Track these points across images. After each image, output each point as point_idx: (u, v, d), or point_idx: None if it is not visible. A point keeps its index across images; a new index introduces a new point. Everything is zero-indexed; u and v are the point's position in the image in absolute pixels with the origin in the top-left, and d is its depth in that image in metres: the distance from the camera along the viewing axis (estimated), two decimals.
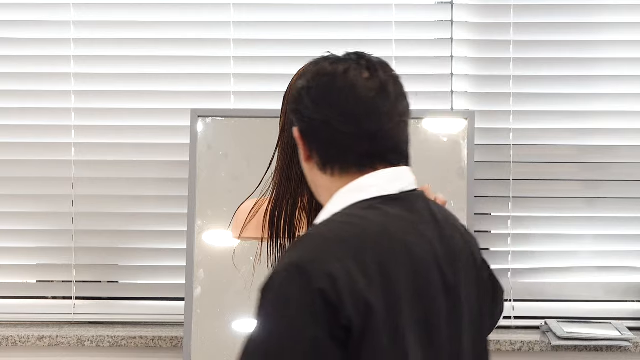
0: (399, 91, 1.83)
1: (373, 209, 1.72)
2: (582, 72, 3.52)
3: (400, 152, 1.82)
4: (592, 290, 3.53)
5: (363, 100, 1.77)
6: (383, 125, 1.78)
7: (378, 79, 1.79)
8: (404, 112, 1.83)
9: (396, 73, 1.84)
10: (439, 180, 3.30)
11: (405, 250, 1.68)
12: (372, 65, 1.81)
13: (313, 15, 3.54)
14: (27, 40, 3.56)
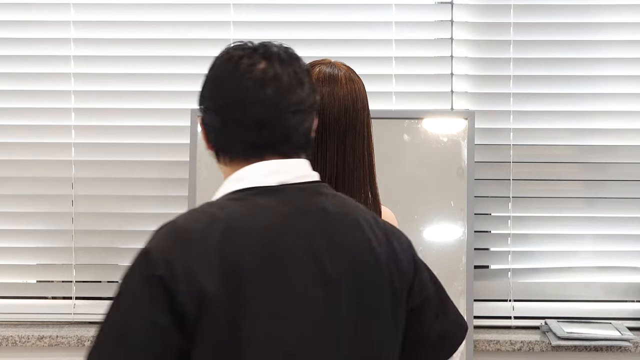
0: (296, 82, 1.80)
1: (240, 200, 1.71)
2: (582, 72, 3.52)
3: (293, 144, 1.77)
4: (592, 290, 3.53)
5: (251, 89, 1.77)
6: (271, 115, 1.75)
7: (273, 69, 1.81)
8: (300, 103, 1.77)
9: (302, 65, 1.85)
10: (439, 180, 3.31)
11: (262, 240, 1.66)
12: (269, 55, 1.85)
13: (313, 15, 3.54)
14: (27, 40, 3.56)
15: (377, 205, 2.20)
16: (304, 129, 1.78)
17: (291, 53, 1.88)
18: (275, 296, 1.64)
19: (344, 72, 2.19)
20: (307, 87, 1.81)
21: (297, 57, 1.87)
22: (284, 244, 1.67)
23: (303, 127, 1.78)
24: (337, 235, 1.72)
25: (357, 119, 2.17)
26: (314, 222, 1.72)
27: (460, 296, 3.24)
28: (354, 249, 1.73)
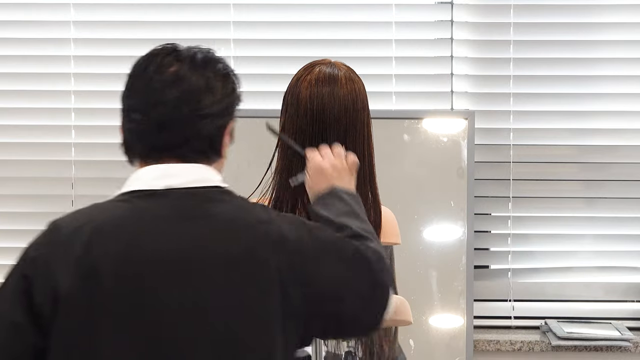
0: (205, 86, 1.78)
1: (124, 202, 1.75)
2: (582, 72, 3.52)
3: (194, 148, 1.76)
4: (592, 290, 3.53)
5: (157, 90, 1.75)
6: (172, 117, 1.74)
7: (182, 71, 1.79)
8: (207, 107, 1.76)
9: (218, 70, 1.82)
10: (439, 180, 3.31)
11: (129, 243, 1.67)
12: (183, 58, 1.83)
13: (313, 15, 3.54)
14: (27, 40, 3.55)
15: (377, 205, 2.20)
16: (209, 134, 1.77)
17: (209, 57, 1.86)
18: (132, 299, 1.65)
19: (344, 72, 2.19)
20: (220, 92, 1.79)
21: (216, 61, 1.85)
22: (151, 247, 1.68)
23: (208, 132, 1.76)
24: (216, 242, 1.70)
25: (357, 118, 2.17)
26: (194, 228, 1.70)
27: (460, 296, 3.24)
28: (231, 257, 1.70)
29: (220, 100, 1.78)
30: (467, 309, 3.24)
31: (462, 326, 3.24)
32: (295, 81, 2.20)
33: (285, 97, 2.22)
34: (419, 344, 3.21)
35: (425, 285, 3.26)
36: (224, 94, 1.80)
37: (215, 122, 1.77)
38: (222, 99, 1.79)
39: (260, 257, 1.71)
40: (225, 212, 1.75)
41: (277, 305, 1.70)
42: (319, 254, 1.77)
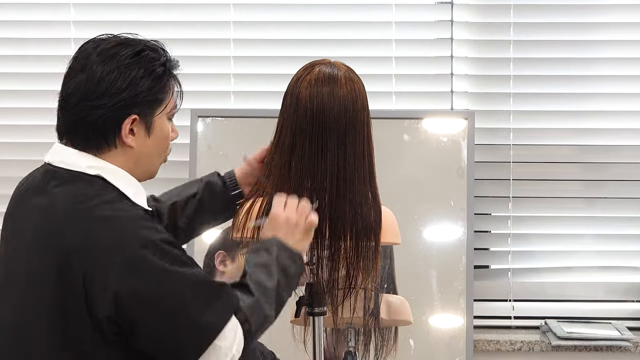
0: (74, 75, 2.00)
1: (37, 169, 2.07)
2: (582, 72, 3.52)
3: (62, 131, 2.01)
4: (592, 290, 3.53)
5: (65, 77, 2.04)
6: (66, 105, 1.99)
7: (88, 61, 2.02)
8: (96, 98, 1.95)
9: (127, 64, 1.97)
10: (439, 180, 3.31)
11: (14, 200, 2.06)
12: (96, 48, 2.05)
13: (313, 15, 3.55)
14: (27, 40, 3.56)
15: (377, 205, 2.20)
16: (97, 123, 1.94)
17: (119, 50, 2.00)
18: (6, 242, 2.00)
19: (344, 72, 2.19)
20: (116, 86, 1.94)
21: (127, 55, 1.99)
22: (22, 204, 2.01)
23: (96, 121, 1.94)
24: (40, 219, 1.94)
25: (357, 118, 2.17)
26: (37, 200, 1.97)
27: (460, 296, 3.24)
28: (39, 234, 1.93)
29: (115, 93, 1.94)
30: (467, 308, 3.24)
31: (462, 326, 3.24)
32: (294, 81, 2.20)
33: (284, 97, 2.22)
34: (419, 344, 3.21)
35: (425, 285, 3.26)
36: (120, 87, 1.94)
37: (106, 113, 1.94)
38: (117, 92, 1.94)
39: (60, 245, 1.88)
40: (59, 194, 1.94)
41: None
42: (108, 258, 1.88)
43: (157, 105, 2.00)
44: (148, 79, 1.98)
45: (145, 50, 2.02)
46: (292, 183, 2.17)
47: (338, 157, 2.15)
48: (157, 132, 2.03)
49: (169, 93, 2.03)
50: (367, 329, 2.64)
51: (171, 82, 2.05)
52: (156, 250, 1.84)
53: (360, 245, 2.17)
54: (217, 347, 1.84)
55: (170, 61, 2.08)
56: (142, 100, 1.96)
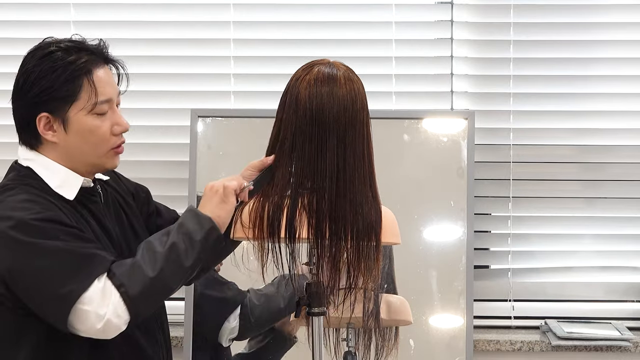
0: (19, 75, 2.21)
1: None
2: (581, 72, 3.52)
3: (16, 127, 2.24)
4: (592, 290, 3.53)
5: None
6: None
7: (25, 59, 2.22)
8: (14, 94, 2.19)
9: (37, 63, 2.16)
10: (439, 180, 3.31)
11: None
12: (38, 46, 2.22)
13: (313, 15, 3.55)
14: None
15: (377, 205, 2.20)
16: (17, 119, 2.22)
17: (42, 49, 2.17)
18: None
19: (343, 72, 2.19)
20: (28, 83, 2.15)
21: (44, 55, 2.15)
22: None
23: (16, 117, 2.21)
24: None
25: (357, 118, 2.17)
26: None
27: (460, 296, 3.24)
28: None
29: (23, 94, 2.15)
30: (467, 308, 3.24)
31: (462, 326, 3.24)
32: (294, 81, 2.20)
33: (283, 96, 2.22)
34: (419, 344, 3.21)
35: (425, 285, 3.26)
36: (26, 89, 2.14)
37: (22, 112, 2.17)
38: (24, 93, 2.15)
39: None
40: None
41: None
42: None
43: (65, 103, 2.13)
44: (49, 79, 2.12)
45: (55, 51, 2.14)
46: (292, 183, 2.17)
47: (338, 157, 2.15)
48: (76, 127, 2.15)
49: (80, 90, 2.13)
50: (367, 329, 2.64)
51: (81, 79, 2.13)
52: (26, 228, 2.03)
53: (361, 245, 2.17)
54: (82, 311, 2.03)
55: (83, 58, 2.14)
56: (46, 100, 2.12)
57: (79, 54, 2.14)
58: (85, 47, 2.17)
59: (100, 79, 2.15)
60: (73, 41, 2.17)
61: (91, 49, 2.17)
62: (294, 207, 2.17)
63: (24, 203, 2.08)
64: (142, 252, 2.09)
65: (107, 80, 2.17)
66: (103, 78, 2.16)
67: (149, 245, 2.11)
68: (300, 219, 2.15)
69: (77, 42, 2.17)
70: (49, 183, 2.15)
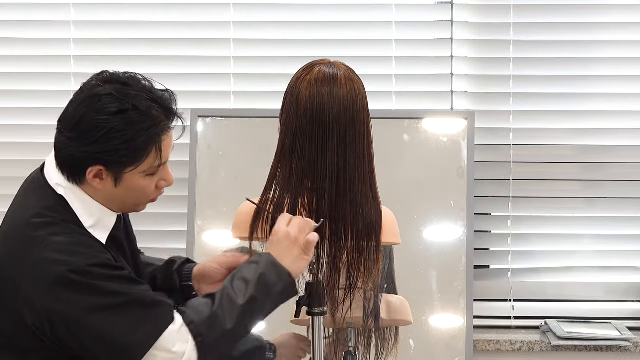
0: (72, 99, 2.07)
1: None
2: (582, 72, 3.52)
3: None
4: (592, 290, 3.53)
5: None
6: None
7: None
8: (60, 118, 2.08)
9: (79, 91, 2.07)
10: (439, 180, 3.31)
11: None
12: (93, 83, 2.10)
13: (313, 15, 3.54)
14: (27, 40, 3.56)
15: (377, 205, 2.20)
16: (55, 141, 2.09)
17: (91, 90, 2.05)
18: None
19: (344, 72, 2.19)
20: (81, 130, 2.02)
21: (89, 94, 2.03)
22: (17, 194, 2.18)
23: (55, 139, 2.09)
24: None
25: (357, 118, 2.17)
26: (19, 193, 2.18)
27: (460, 296, 3.24)
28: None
29: (84, 142, 2.00)
30: (467, 308, 3.24)
31: (462, 326, 3.24)
32: (294, 81, 2.20)
33: (285, 97, 2.22)
34: (419, 344, 3.21)
35: (425, 285, 3.26)
36: (89, 139, 1.99)
37: (74, 154, 2.02)
38: (86, 142, 2.00)
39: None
40: (27, 200, 2.09)
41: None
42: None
43: (127, 165, 2.02)
44: (118, 142, 1.99)
45: (131, 111, 1.99)
46: (293, 183, 2.17)
47: (338, 157, 2.15)
48: (128, 185, 2.06)
49: (146, 156, 2.03)
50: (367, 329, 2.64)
51: (151, 146, 2.02)
52: (84, 274, 1.94)
53: (361, 245, 2.17)
54: (153, 356, 1.96)
55: (157, 125, 2.02)
56: (108, 158, 2.00)
57: (154, 118, 2.01)
58: (158, 104, 2.03)
59: (166, 145, 2.05)
60: (147, 93, 2.03)
61: (163, 106, 2.04)
62: (294, 207, 2.17)
63: (74, 246, 1.98)
64: (221, 302, 2.00)
65: (169, 144, 2.07)
66: (168, 143, 2.06)
67: (229, 294, 2.01)
68: None
69: (151, 97, 2.03)
70: (82, 221, 2.04)
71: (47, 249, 1.97)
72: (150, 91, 2.04)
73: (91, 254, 1.97)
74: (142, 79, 2.06)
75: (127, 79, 2.04)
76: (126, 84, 2.03)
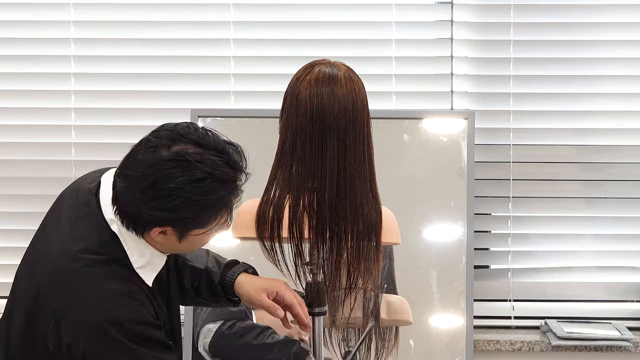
0: (139, 149, 2.05)
1: None
2: (582, 72, 3.52)
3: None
4: (592, 290, 3.53)
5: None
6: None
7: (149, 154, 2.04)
8: (125, 167, 2.04)
9: (151, 147, 2.02)
10: (439, 180, 3.31)
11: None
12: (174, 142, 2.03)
13: (313, 15, 3.54)
14: (27, 40, 3.55)
15: (377, 205, 2.20)
16: (117, 185, 2.03)
17: (165, 149, 1.99)
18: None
19: (344, 72, 2.20)
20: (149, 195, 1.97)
21: (161, 157, 1.96)
22: (61, 202, 2.20)
23: (117, 183, 2.03)
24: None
25: (357, 118, 2.17)
26: (68, 207, 2.15)
27: (460, 296, 3.24)
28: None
29: (154, 206, 1.94)
30: (467, 308, 3.24)
31: (462, 326, 3.24)
32: (295, 81, 2.21)
33: (285, 96, 2.22)
34: (419, 344, 3.21)
35: (425, 285, 3.26)
36: (160, 206, 1.94)
37: (141, 213, 1.96)
38: (156, 207, 1.94)
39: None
40: (76, 228, 2.04)
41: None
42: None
43: (196, 228, 1.99)
44: (193, 209, 1.94)
45: (207, 179, 1.93)
46: (293, 183, 2.17)
47: (338, 157, 2.15)
48: (191, 240, 2.02)
49: (217, 220, 2.00)
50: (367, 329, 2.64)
51: (222, 212, 1.99)
52: (121, 329, 1.94)
53: (361, 245, 2.17)
54: None
55: (231, 194, 1.98)
56: (179, 223, 1.96)
57: (229, 184, 1.97)
58: (231, 167, 1.98)
59: (235, 205, 2.02)
60: (220, 155, 1.98)
61: (236, 167, 1.99)
62: (294, 207, 2.17)
63: (120, 297, 1.97)
64: None
65: (237, 201, 2.03)
66: (236, 202, 2.02)
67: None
68: (302, 220, 2.15)
69: (225, 159, 1.98)
70: (132, 261, 2.01)
71: (92, 294, 1.96)
72: (222, 152, 1.98)
73: (133, 307, 1.97)
74: (211, 134, 2.00)
75: (198, 138, 1.97)
76: (197, 144, 1.97)
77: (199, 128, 2.00)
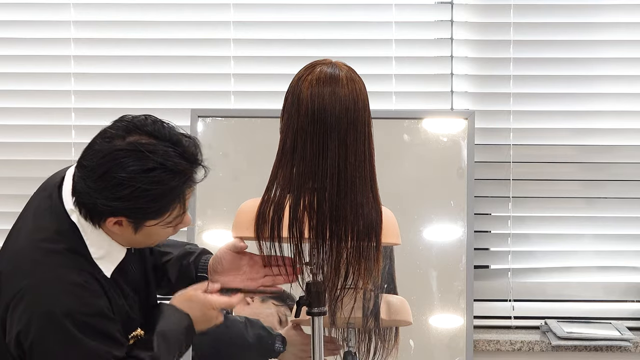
0: (94, 144, 2.05)
1: None
2: (582, 72, 3.52)
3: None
4: (592, 290, 3.53)
5: None
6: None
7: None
8: (83, 158, 2.03)
9: (105, 138, 2.03)
10: (439, 180, 3.31)
11: None
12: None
13: (313, 15, 3.55)
14: (27, 40, 3.56)
15: (377, 205, 2.20)
16: (76, 177, 2.04)
17: (116, 143, 2.02)
18: None
19: (345, 72, 2.19)
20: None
21: (114, 147, 1.99)
22: (31, 200, 2.19)
23: (76, 175, 2.04)
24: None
25: (358, 118, 2.17)
26: (33, 203, 2.17)
27: (460, 296, 3.24)
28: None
29: (107, 196, 1.96)
30: (467, 308, 3.24)
31: (462, 326, 3.24)
32: (296, 81, 2.20)
33: (286, 96, 2.22)
34: (419, 344, 3.21)
35: (425, 285, 3.26)
36: (112, 195, 1.96)
37: (96, 203, 1.97)
38: (109, 197, 1.96)
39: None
40: (39, 219, 2.08)
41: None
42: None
43: (150, 218, 2.01)
44: (143, 201, 1.96)
45: (158, 169, 1.95)
46: (294, 183, 2.17)
47: (339, 157, 2.15)
48: (147, 232, 2.05)
49: (170, 211, 2.01)
50: (367, 330, 2.64)
51: (176, 202, 2.00)
52: (73, 320, 1.96)
53: (361, 246, 2.17)
54: None
55: (185, 182, 1.99)
56: (132, 213, 1.99)
57: (181, 175, 1.98)
58: (185, 159, 1.98)
59: (189, 197, 2.04)
60: (174, 146, 1.98)
61: (190, 159, 1.99)
62: (295, 207, 2.17)
63: (75, 288, 1.98)
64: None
65: (191, 192, 2.04)
66: (189, 195, 2.04)
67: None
68: (302, 219, 2.15)
69: (178, 151, 1.98)
70: (91, 251, 2.03)
71: (49, 283, 1.98)
72: (176, 143, 1.98)
73: (87, 299, 1.99)
74: (166, 127, 2.00)
75: (153, 130, 1.98)
76: (151, 135, 1.98)
77: (156, 120, 2.01)
